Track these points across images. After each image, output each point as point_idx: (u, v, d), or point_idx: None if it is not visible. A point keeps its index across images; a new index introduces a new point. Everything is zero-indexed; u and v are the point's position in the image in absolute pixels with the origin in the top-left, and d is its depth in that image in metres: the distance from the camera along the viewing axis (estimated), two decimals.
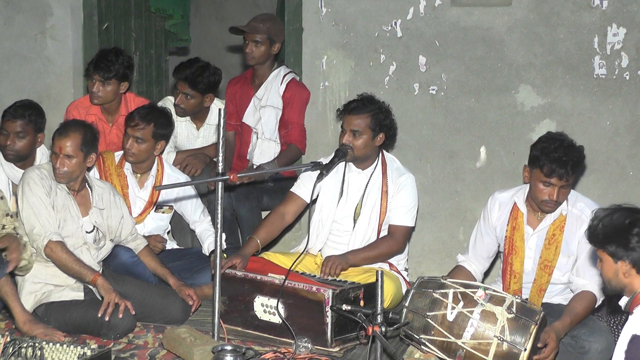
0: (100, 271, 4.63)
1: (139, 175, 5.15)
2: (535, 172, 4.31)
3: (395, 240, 4.81)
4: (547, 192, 4.28)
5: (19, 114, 4.98)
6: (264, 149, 5.66)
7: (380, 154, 4.89)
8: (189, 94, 5.52)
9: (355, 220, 4.86)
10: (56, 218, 4.47)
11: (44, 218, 4.43)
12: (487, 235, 4.56)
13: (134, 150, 5.01)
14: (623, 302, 3.37)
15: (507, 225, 4.47)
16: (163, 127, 5.05)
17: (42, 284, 4.49)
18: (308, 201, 4.92)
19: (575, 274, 4.36)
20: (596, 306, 4.33)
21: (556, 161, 4.22)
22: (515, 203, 4.47)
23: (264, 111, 5.65)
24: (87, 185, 4.65)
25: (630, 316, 3.26)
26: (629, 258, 3.27)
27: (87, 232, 4.58)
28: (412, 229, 4.97)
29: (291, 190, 4.98)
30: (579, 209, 4.39)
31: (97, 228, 4.62)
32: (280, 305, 4.33)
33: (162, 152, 5.21)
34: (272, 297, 4.36)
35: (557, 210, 4.39)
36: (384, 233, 4.85)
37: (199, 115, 5.69)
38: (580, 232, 4.29)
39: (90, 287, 4.51)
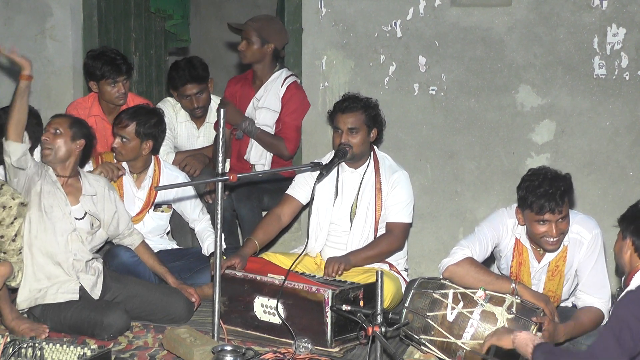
0: (101, 266, 4.68)
1: (135, 175, 5.16)
2: (527, 214, 4.11)
3: (395, 237, 4.83)
4: (545, 230, 4.08)
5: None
6: (259, 150, 5.65)
7: (372, 152, 4.91)
8: (200, 91, 5.61)
9: (352, 220, 4.87)
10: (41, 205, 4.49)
11: None
12: (492, 245, 4.39)
13: (120, 149, 5.05)
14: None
15: (512, 260, 4.33)
16: (147, 125, 5.03)
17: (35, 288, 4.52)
18: (304, 202, 4.96)
19: (581, 290, 4.28)
20: (603, 324, 4.20)
21: (543, 196, 4.01)
22: (517, 239, 4.30)
23: (260, 112, 5.63)
24: (78, 176, 4.68)
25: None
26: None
27: (77, 218, 4.60)
28: (410, 225, 4.98)
29: (287, 192, 4.99)
30: (575, 232, 4.22)
31: (92, 215, 4.64)
32: (280, 306, 4.33)
33: (156, 152, 5.21)
34: (272, 298, 4.37)
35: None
36: (381, 231, 4.87)
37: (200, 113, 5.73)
38: (580, 254, 4.23)
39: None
